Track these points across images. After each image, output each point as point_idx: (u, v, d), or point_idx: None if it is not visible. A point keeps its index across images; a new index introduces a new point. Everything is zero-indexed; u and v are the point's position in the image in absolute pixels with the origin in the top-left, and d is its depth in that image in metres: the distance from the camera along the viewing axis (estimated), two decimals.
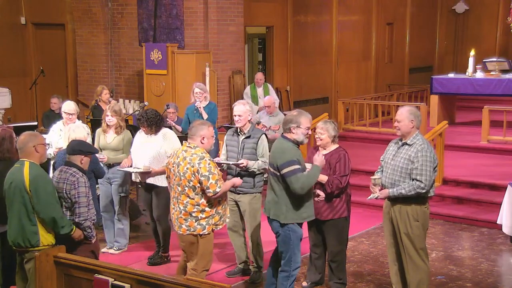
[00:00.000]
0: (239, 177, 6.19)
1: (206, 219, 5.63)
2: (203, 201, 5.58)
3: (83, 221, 5.31)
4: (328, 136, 6.14)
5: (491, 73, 12.87)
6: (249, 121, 6.65)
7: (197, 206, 5.58)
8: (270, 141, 10.34)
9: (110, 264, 4.98)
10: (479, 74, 12.80)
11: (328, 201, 6.10)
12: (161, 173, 7.05)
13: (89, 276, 4.72)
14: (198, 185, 5.53)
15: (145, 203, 7.44)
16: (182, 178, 5.55)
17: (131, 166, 7.15)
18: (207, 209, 5.61)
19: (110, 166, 7.48)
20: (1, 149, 5.70)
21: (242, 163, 6.41)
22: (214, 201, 5.64)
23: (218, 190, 5.54)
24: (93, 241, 5.47)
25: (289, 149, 5.68)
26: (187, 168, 5.52)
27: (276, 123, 10.43)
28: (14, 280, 5.70)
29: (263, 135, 6.63)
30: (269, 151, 7.12)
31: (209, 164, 5.54)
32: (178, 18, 11.86)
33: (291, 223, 5.70)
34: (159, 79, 11.38)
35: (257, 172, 6.52)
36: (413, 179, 5.68)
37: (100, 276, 4.66)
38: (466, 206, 9.11)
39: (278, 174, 5.65)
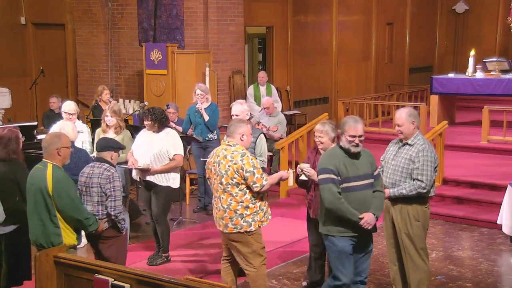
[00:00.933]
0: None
1: (251, 216, 5.59)
2: (246, 197, 5.56)
3: (118, 214, 5.51)
4: (329, 139, 6.10)
5: (491, 73, 12.87)
6: (248, 119, 6.65)
7: (241, 203, 5.56)
8: (269, 141, 10.44)
9: (110, 264, 4.98)
10: (479, 74, 12.80)
11: None
12: (161, 172, 7.05)
13: (89, 276, 4.72)
14: (242, 181, 5.52)
15: (145, 203, 7.44)
16: (224, 176, 5.54)
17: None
18: (250, 205, 5.57)
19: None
20: (7, 150, 5.72)
21: None
22: (257, 197, 5.60)
23: (265, 183, 5.54)
24: (124, 233, 5.68)
25: (329, 156, 5.41)
26: (229, 166, 5.52)
27: (275, 123, 10.45)
28: (18, 279, 5.75)
29: (261, 135, 6.62)
30: (268, 151, 7.12)
31: (251, 159, 5.55)
32: (178, 18, 11.86)
33: (329, 235, 5.41)
34: (159, 79, 11.38)
35: None
36: (414, 179, 5.68)
37: (100, 276, 4.66)
38: (466, 206, 9.11)
39: None
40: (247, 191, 5.56)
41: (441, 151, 9.66)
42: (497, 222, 8.04)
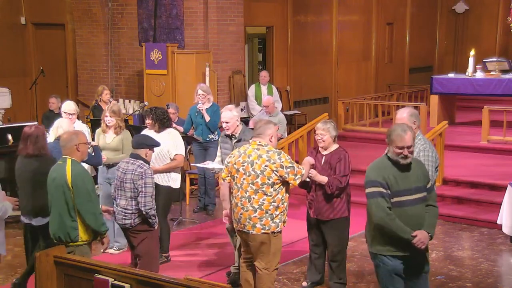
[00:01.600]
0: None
1: (279, 216, 5.57)
2: (278, 196, 5.53)
3: (149, 210, 5.76)
4: (330, 137, 6.13)
5: (491, 73, 12.87)
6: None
7: (273, 203, 5.51)
8: None
9: (110, 264, 4.97)
10: (479, 74, 12.80)
11: (329, 201, 6.09)
12: (161, 171, 7.05)
13: (89, 276, 4.72)
14: (278, 180, 5.49)
15: None
16: (259, 176, 5.48)
17: None
18: (280, 205, 5.56)
19: (109, 166, 7.48)
20: (37, 146, 6.04)
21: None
22: (285, 197, 5.61)
23: (303, 171, 5.62)
24: (156, 228, 5.93)
25: (377, 167, 4.98)
26: (265, 166, 5.46)
27: (275, 123, 10.43)
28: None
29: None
30: None
31: (287, 155, 5.59)
32: (178, 18, 11.85)
33: (378, 254, 4.98)
34: (159, 79, 11.37)
35: None
36: None
37: (100, 276, 4.66)
38: (466, 206, 9.11)
39: None
40: (280, 190, 5.53)
41: (441, 151, 9.66)
42: (497, 222, 8.04)
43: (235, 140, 6.56)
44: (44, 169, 5.81)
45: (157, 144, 6.14)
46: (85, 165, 7.48)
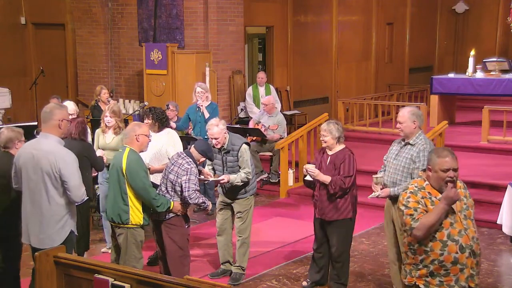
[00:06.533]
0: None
1: (410, 267, 4.38)
2: (404, 241, 4.52)
3: (195, 201, 5.85)
4: (332, 138, 6.09)
5: (491, 73, 12.86)
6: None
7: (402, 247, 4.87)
8: (269, 142, 10.40)
9: (110, 264, 4.98)
10: (479, 74, 12.80)
11: (332, 202, 6.07)
12: (160, 171, 7.05)
13: (89, 276, 4.71)
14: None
15: None
16: None
17: None
18: (409, 253, 4.38)
19: (109, 166, 7.46)
20: (79, 131, 6.58)
21: (222, 179, 6.40)
22: (419, 249, 4.29)
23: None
24: (188, 226, 6.06)
25: None
26: None
27: (275, 123, 10.44)
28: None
29: (243, 146, 6.50)
30: (267, 151, 7.04)
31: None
32: (178, 18, 11.86)
33: None
34: (159, 79, 11.38)
35: (240, 185, 6.50)
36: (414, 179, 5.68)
37: (100, 276, 4.65)
38: None
39: None
40: (405, 234, 4.45)
41: None
42: (497, 222, 8.03)
43: (224, 152, 6.53)
44: (86, 152, 6.42)
45: (212, 160, 6.40)
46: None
